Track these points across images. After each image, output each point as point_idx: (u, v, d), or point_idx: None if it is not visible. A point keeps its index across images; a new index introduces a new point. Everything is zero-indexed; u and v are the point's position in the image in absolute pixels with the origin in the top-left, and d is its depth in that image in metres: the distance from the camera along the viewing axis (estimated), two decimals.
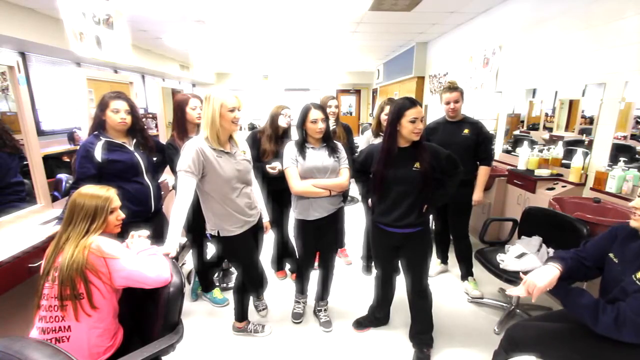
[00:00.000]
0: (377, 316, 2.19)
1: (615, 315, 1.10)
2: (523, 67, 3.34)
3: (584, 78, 2.62)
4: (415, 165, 1.69)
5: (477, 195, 2.45)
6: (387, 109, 2.56)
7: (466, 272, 2.64)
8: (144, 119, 4.99)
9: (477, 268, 2.43)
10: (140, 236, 1.43)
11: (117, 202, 1.37)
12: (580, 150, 2.60)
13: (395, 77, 7.06)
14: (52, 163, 3.13)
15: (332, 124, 2.63)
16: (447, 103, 2.41)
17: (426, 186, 1.71)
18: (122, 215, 1.40)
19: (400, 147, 1.72)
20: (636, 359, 1.14)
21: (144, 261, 1.27)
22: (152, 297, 1.30)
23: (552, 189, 2.66)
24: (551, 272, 1.26)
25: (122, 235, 1.44)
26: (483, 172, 2.44)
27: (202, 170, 1.63)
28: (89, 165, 1.76)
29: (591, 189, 2.48)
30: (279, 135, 2.40)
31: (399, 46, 6.23)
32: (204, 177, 1.66)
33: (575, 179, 2.58)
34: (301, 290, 2.27)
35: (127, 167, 1.86)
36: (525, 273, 1.34)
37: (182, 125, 2.15)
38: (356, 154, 2.32)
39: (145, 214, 1.92)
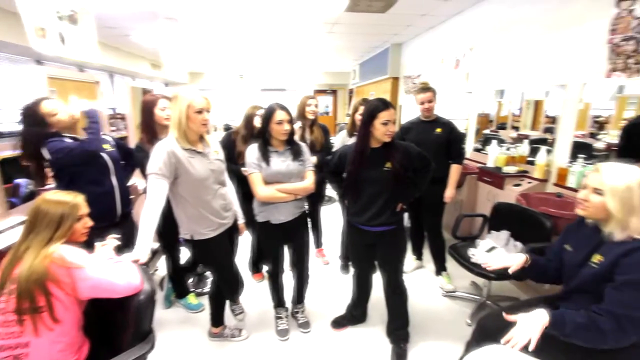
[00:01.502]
0: (355, 314, 2.22)
1: (614, 321, 1.08)
2: (492, 68, 3.47)
3: (547, 80, 2.76)
4: (386, 165, 1.72)
5: (450, 192, 2.52)
6: (361, 109, 2.57)
7: (440, 268, 2.72)
8: (111, 120, 4.78)
9: (451, 263, 2.50)
10: (104, 245, 1.37)
11: (84, 209, 1.31)
12: (544, 148, 2.73)
13: (371, 78, 7.15)
14: (10, 167, 2.93)
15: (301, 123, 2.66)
16: (422, 103, 2.48)
17: (398, 185, 1.74)
18: (89, 222, 1.34)
19: (372, 147, 1.74)
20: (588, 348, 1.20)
21: (112, 269, 1.22)
22: (121, 306, 1.25)
23: (519, 185, 2.79)
24: (540, 320, 1.16)
25: (87, 242, 1.38)
26: (454, 170, 2.51)
27: (174, 172, 1.58)
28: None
29: (554, 184, 2.62)
30: (255, 136, 2.37)
31: (374, 47, 6.31)
32: (176, 179, 1.61)
33: (539, 175, 2.71)
34: (279, 303, 2.17)
35: (99, 168, 1.79)
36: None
37: (150, 127, 2.07)
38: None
39: (110, 218, 1.85)
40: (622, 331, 1.07)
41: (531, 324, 1.13)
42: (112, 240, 1.43)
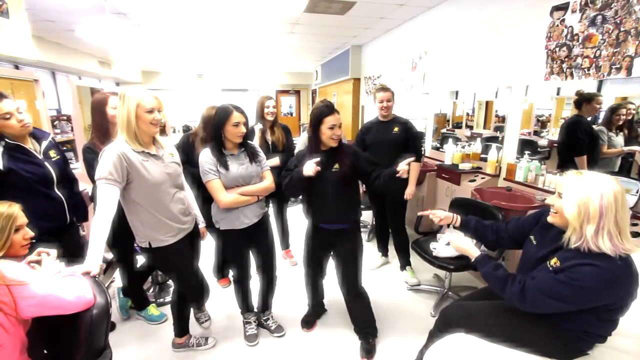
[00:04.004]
0: (318, 311, 2.29)
1: (521, 288, 1.26)
2: (446, 70, 3.66)
3: (495, 82, 2.97)
4: (335, 167, 1.78)
5: (410, 189, 2.62)
6: None
7: (404, 263, 2.81)
8: (56, 121, 4.40)
9: (414, 257, 2.60)
10: (49, 255, 1.25)
11: (22, 219, 1.19)
12: (494, 146, 2.93)
13: (333, 79, 7.23)
14: None
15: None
16: (381, 102, 2.56)
17: (347, 185, 1.81)
18: (30, 233, 1.22)
19: (322, 150, 1.80)
20: (540, 329, 1.32)
21: (59, 283, 1.12)
22: (72, 322, 1.15)
23: (474, 180, 2.97)
24: (470, 250, 1.50)
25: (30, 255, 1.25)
26: (413, 167, 2.61)
27: (126, 177, 1.48)
28: None
29: (504, 179, 2.82)
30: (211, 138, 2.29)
31: (335, 48, 6.39)
32: (129, 184, 1.51)
33: (491, 171, 2.90)
34: (247, 308, 2.10)
35: (36, 180, 1.61)
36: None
37: (103, 128, 1.93)
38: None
39: (57, 230, 1.69)
40: (521, 299, 1.24)
41: (463, 243, 1.42)
42: (53, 252, 1.30)
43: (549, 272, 1.22)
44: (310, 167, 1.65)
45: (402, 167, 1.62)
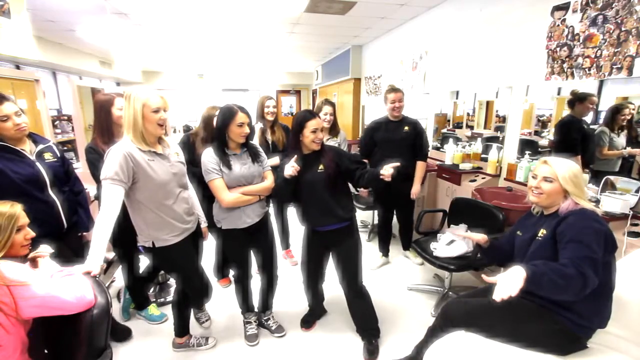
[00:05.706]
0: (318, 312, 2.29)
1: (572, 266, 1.16)
2: (446, 70, 3.65)
3: (496, 82, 2.96)
4: (319, 168, 1.80)
5: (415, 188, 2.65)
6: (324, 109, 2.63)
7: (408, 244, 2.87)
8: (57, 121, 4.40)
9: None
10: (42, 256, 1.26)
11: (24, 219, 1.20)
12: (495, 146, 2.93)
13: (333, 79, 7.23)
14: None
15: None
16: (392, 102, 2.58)
17: (334, 184, 1.82)
18: (31, 233, 1.22)
19: (305, 154, 1.83)
20: (539, 321, 1.32)
21: (61, 284, 1.12)
22: (73, 322, 1.15)
23: (474, 180, 2.96)
24: (519, 274, 1.16)
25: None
26: (419, 167, 2.64)
27: (132, 177, 1.48)
28: None
29: (505, 179, 2.81)
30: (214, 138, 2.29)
31: (336, 48, 6.39)
32: (134, 184, 1.51)
33: (492, 171, 2.90)
34: (248, 308, 2.10)
35: (25, 180, 1.58)
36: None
37: (107, 129, 1.92)
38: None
39: (54, 235, 1.64)
40: (582, 274, 1.14)
41: (511, 279, 1.14)
42: (46, 249, 1.30)
43: (560, 250, 1.28)
44: (289, 168, 1.68)
45: (386, 171, 1.61)
